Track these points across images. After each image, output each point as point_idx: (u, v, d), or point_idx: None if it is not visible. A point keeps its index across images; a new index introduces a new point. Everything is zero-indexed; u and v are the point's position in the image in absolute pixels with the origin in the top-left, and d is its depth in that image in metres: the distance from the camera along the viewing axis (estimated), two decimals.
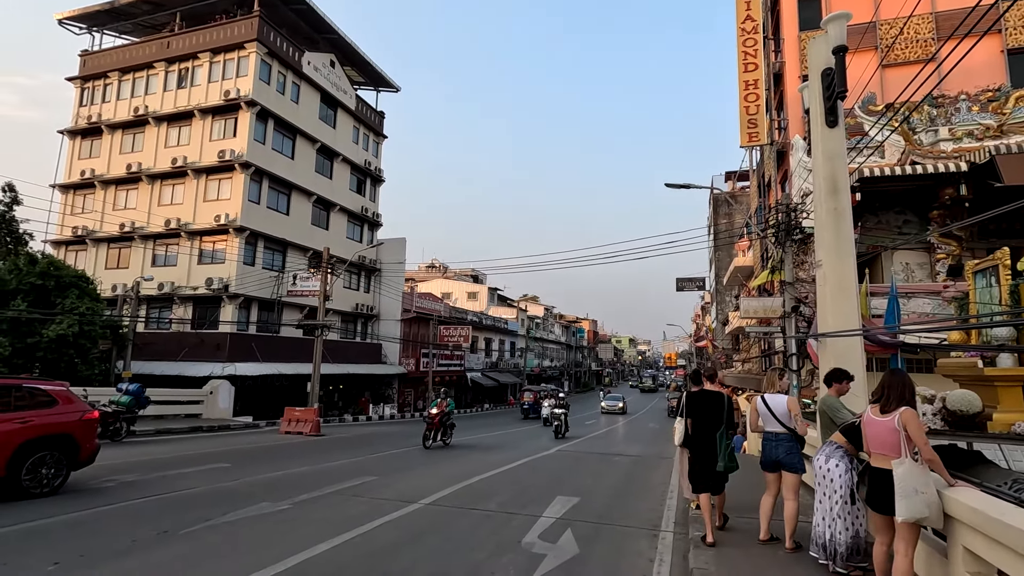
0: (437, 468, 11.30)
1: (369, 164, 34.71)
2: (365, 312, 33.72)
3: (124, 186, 27.78)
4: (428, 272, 64.84)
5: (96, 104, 29.21)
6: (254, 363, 23.75)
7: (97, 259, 27.37)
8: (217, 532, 6.19)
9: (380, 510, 7.33)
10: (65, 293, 19.06)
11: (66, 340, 18.11)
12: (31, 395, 7.73)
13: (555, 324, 76.15)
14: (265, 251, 26.60)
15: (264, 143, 26.61)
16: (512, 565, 5.29)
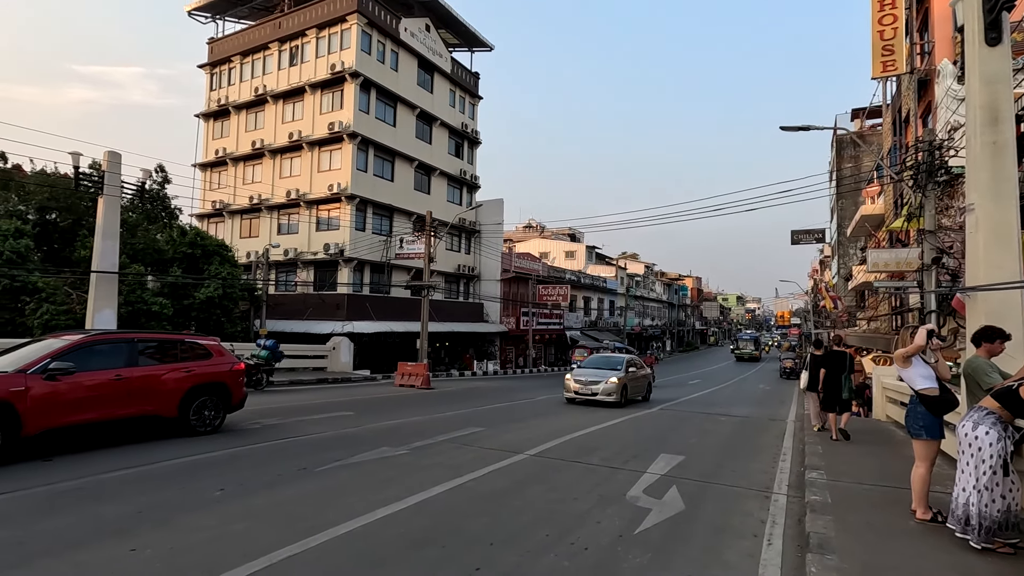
0: (539, 423, 11.66)
1: (466, 127, 35.14)
2: (467, 273, 34.88)
3: (251, 162, 30.53)
4: (525, 232, 65.32)
5: (223, 88, 32.05)
6: (369, 321, 25.63)
7: (233, 229, 30.59)
8: (347, 471, 6.91)
9: (488, 459, 7.75)
10: (210, 260, 21.62)
11: (213, 301, 20.65)
12: (192, 348, 8.97)
13: (656, 282, 74.01)
14: (374, 217, 28.19)
15: (368, 113, 27.81)
16: (617, 516, 5.41)
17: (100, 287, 14.14)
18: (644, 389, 17.05)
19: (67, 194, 19.36)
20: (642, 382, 16.91)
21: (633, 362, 17.10)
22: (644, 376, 17.25)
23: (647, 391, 17.37)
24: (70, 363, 7.15)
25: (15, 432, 6.56)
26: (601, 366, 16.33)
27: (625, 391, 15.15)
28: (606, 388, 14.86)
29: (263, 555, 4.22)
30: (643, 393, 16.92)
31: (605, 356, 18.39)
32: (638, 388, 16.45)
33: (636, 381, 16.28)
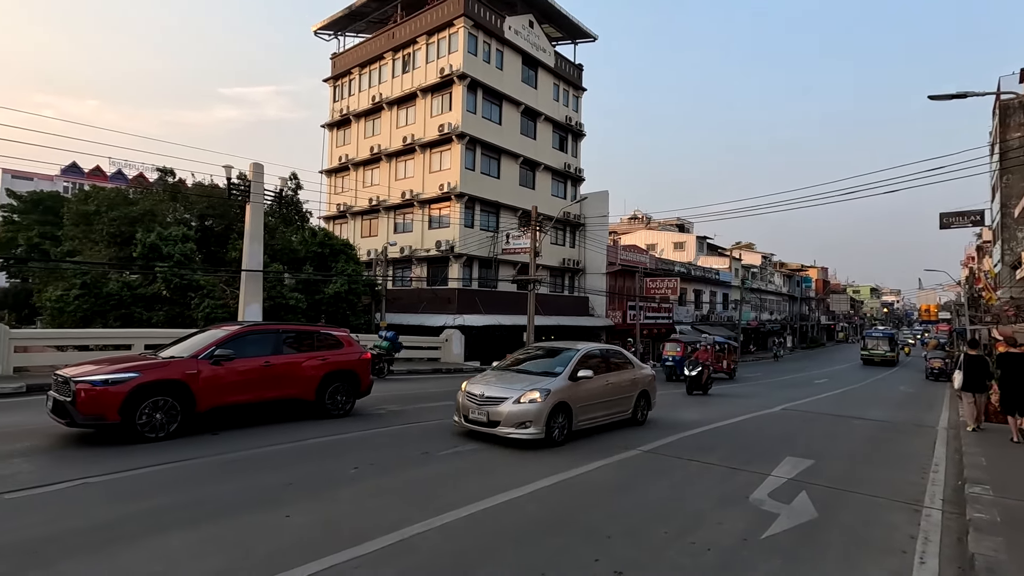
0: (652, 417, 11.40)
1: (570, 120, 34.99)
2: (572, 266, 34.81)
3: (369, 166, 32.76)
4: (631, 224, 63.76)
5: (345, 99, 34.67)
6: (478, 315, 26.51)
7: (355, 229, 33.06)
8: (463, 458, 7.26)
9: (599, 452, 7.73)
10: (336, 259, 23.57)
11: (340, 296, 22.51)
12: (326, 339, 9.87)
13: (775, 273, 68.82)
14: (481, 213, 29.04)
15: (475, 113, 28.66)
16: (740, 519, 5.17)
17: (248, 284, 16.00)
18: (628, 404, 9.70)
19: (221, 202, 22.09)
20: (620, 393, 9.44)
21: (598, 356, 9.44)
22: (625, 384, 9.64)
23: (637, 406, 9.93)
24: (231, 350, 8.20)
25: (191, 408, 7.66)
26: (530, 370, 8.90)
27: (561, 417, 8.02)
28: (514, 413, 7.69)
29: (395, 529, 4.58)
30: (625, 410, 9.65)
31: (549, 348, 9.76)
32: (612, 404, 9.22)
33: (601, 394, 8.92)
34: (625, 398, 9.66)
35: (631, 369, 10.06)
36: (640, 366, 10.48)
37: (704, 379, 17.56)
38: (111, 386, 7.03)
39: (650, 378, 10.50)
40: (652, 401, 10.47)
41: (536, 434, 7.66)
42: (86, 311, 18.40)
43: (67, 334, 15.80)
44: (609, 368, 9.51)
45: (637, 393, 9.96)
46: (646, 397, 10.27)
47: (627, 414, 9.74)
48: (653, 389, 10.55)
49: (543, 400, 7.79)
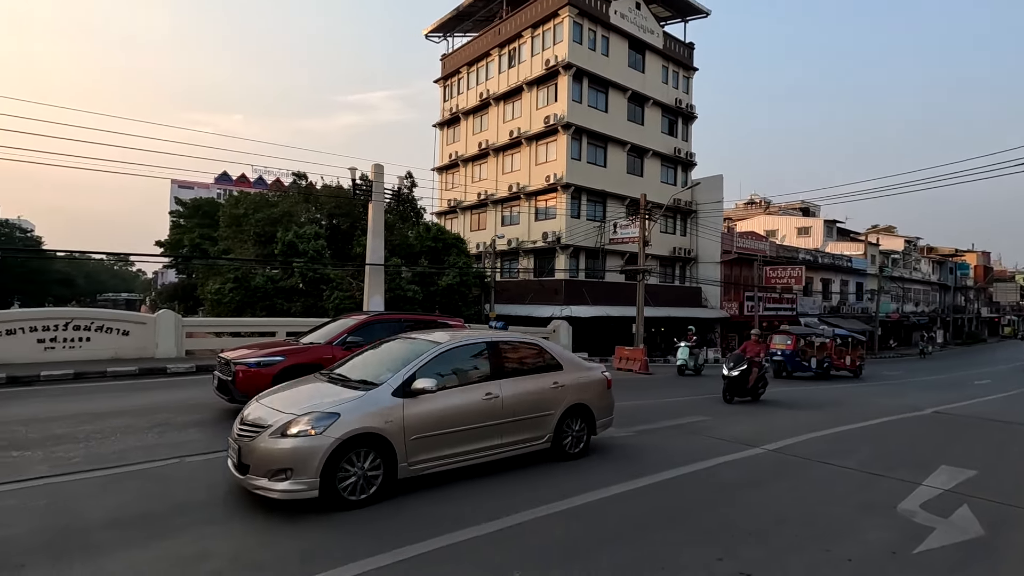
0: (775, 416, 10.66)
1: (680, 103, 33.45)
2: (683, 255, 33.40)
3: (478, 162, 33.73)
4: (747, 209, 59.71)
5: (454, 98, 35.94)
6: (585, 306, 26.37)
7: (465, 224, 34.26)
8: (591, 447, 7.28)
9: (718, 449, 7.39)
10: (448, 252, 24.64)
11: (452, 288, 23.51)
12: (440, 327, 10.37)
13: (921, 259, 60.95)
14: (588, 203, 28.77)
15: (581, 102, 28.37)
16: (886, 529, 4.70)
17: (372, 277, 17.24)
18: (541, 428, 6.17)
19: (346, 202, 23.97)
20: (523, 411, 5.95)
21: (481, 354, 6.00)
22: (531, 398, 6.07)
23: (564, 430, 6.40)
24: (360, 338, 8.91)
25: None
26: (348, 376, 5.70)
27: (368, 459, 4.82)
28: (268, 455, 4.60)
29: (508, 514, 4.72)
30: (537, 437, 6.13)
31: (393, 344, 6.34)
32: (503, 430, 5.77)
33: (477, 415, 5.57)
34: (536, 419, 6.03)
35: (552, 373, 6.36)
36: (579, 366, 6.81)
37: (752, 381, 12.59)
38: (262, 368, 7.95)
39: (593, 384, 6.75)
40: (604, 418, 6.88)
41: (300, 491, 4.45)
42: (238, 302, 20.92)
43: (224, 322, 18.07)
44: (503, 372, 5.92)
45: (563, 409, 6.27)
46: (586, 414, 6.57)
47: (541, 442, 6.12)
48: (602, 401, 6.82)
49: (319, 432, 4.56)
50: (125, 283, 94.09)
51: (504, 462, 5.97)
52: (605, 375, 7.04)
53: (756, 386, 12.71)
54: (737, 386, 12.40)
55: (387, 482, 4.88)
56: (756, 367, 12.57)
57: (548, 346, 6.74)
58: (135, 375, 12.01)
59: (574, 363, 6.83)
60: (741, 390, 12.45)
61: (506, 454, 5.85)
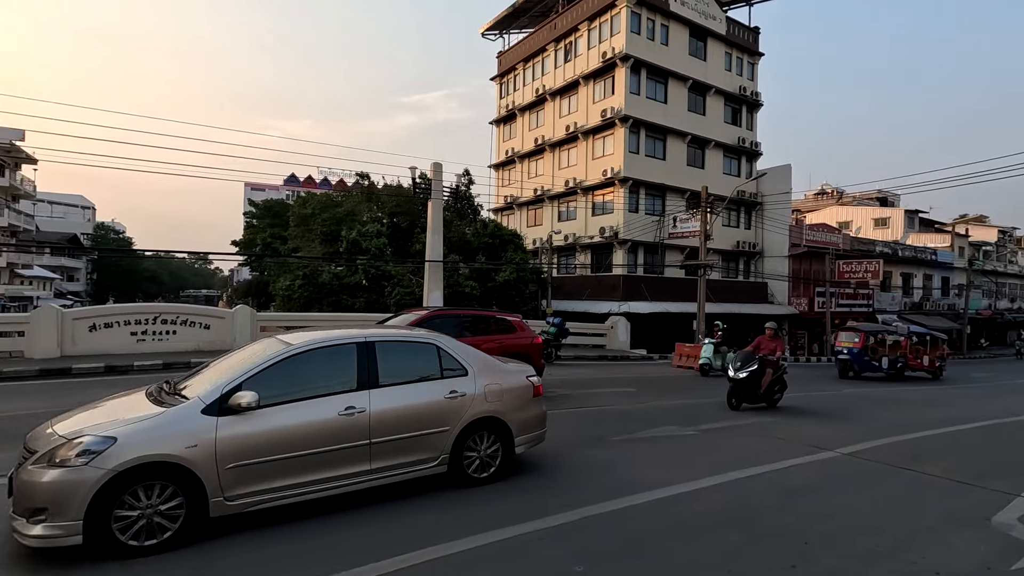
0: (847, 417, 10.10)
1: (744, 90, 32.11)
2: (747, 249, 32.13)
3: (534, 158, 33.74)
4: (817, 200, 56.64)
5: (510, 95, 36.08)
6: (643, 302, 25.89)
7: (521, 220, 34.39)
8: (637, 445, 7.21)
9: (787, 451, 7.10)
10: (505, 248, 24.82)
11: (509, 284, 23.68)
12: (500, 323, 10.51)
13: (1017, 252, 55.79)
14: (646, 197, 28.19)
15: (639, 94, 27.80)
16: (980, 542, 4.37)
17: (431, 273, 17.64)
18: (431, 447, 4.95)
19: (407, 201, 24.61)
20: (400, 429, 4.77)
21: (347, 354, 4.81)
22: (408, 415, 4.83)
23: (462, 448, 5.14)
24: None
25: None
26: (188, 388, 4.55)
27: (156, 495, 3.78)
28: (25, 488, 3.67)
29: (573, 508, 4.73)
30: (427, 459, 4.93)
31: (254, 347, 5.08)
32: (372, 453, 4.61)
33: (332, 436, 4.43)
34: (422, 437, 4.86)
35: (451, 379, 5.18)
36: (493, 370, 5.54)
37: (767, 384, 10.36)
38: None
39: (511, 392, 5.48)
40: (527, 434, 5.58)
41: (57, 536, 3.51)
42: (307, 298, 21.95)
43: (294, 317, 19.01)
44: (375, 380, 4.75)
45: (464, 424, 5.09)
46: (500, 429, 5.36)
47: (432, 465, 4.95)
48: (524, 412, 5.55)
49: (87, 462, 3.60)
50: (204, 280, 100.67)
51: (388, 489, 4.80)
52: (531, 380, 5.71)
53: (771, 390, 10.56)
54: (746, 390, 10.26)
55: (192, 522, 3.84)
56: (771, 367, 10.41)
57: (449, 346, 5.38)
58: None
59: (487, 366, 5.51)
60: (751, 395, 10.33)
61: (381, 481, 4.65)
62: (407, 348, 5.26)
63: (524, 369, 5.91)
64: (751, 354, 10.36)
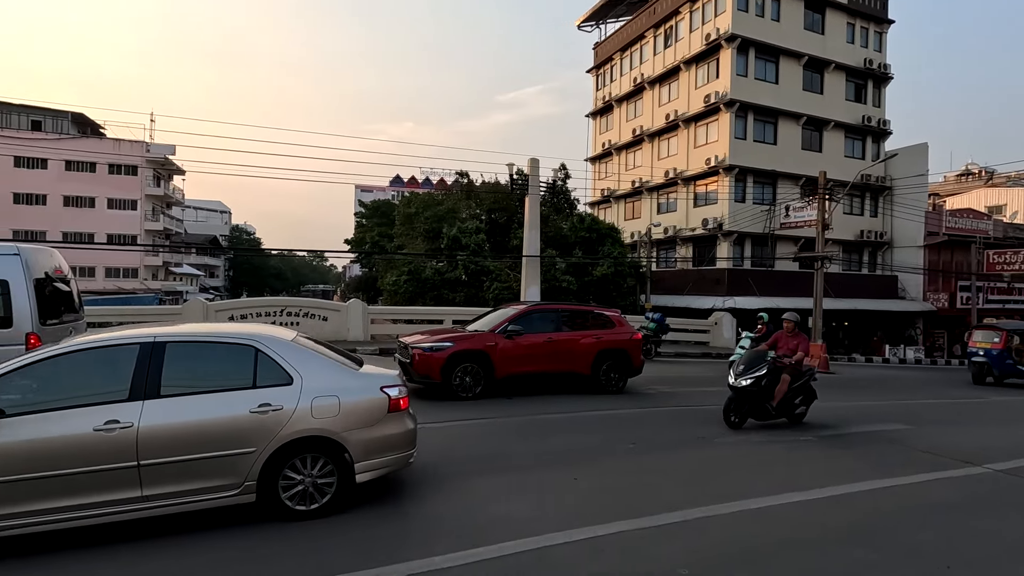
0: (998, 428, 8.86)
1: (869, 63, 29.01)
2: (873, 239, 29.12)
3: (631, 149, 32.90)
4: (961, 182, 49.98)
5: (607, 86, 35.42)
6: (751, 297, 24.37)
7: (618, 213, 33.71)
8: (745, 447, 6.83)
9: (922, 464, 6.38)
10: (602, 242, 24.49)
11: (607, 278, 23.35)
12: (598, 318, 10.40)
13: None
14: (754, 186, 26.47)
15: (746, 75, 26.11)
16: None
17: (528, 268, 17.84)
18: (224, 476, 4.03)
19: (504, 197, 25.05)
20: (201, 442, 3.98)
21: None
22: (207, 424, 4.01)
23: (293, 479, 4.20)
24: (520, 327, 9.32)
25: (491, 375, 8.99)
26: None
27: None
28: None
29: (676, 509, 4.60)
30: (215, 485, 4.00)
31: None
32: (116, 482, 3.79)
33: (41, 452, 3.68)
34: (214, 460, 3.98)
35: (266, 389, 4.21)
36: (334, 378, 4.45)
37: (782, 394, 7.76)
38: (434, 352, 8.72)
39: (351, 408, 4.36)
40: (375, 459, 4.45)
41: None
42: (411, 292, 23.11)
43: (399, 310, 20.10)
44: (156, 390, 3.98)
45: (278, 446, 4.11)
46: (333, 452, 4.29)
47: (233, 494, 4.07)
48: (370, 432, 4.43)
49: None
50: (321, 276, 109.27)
51: (196, 517, 4.06)
52: (386, 392, 4.53)
53: (790, 402, 8.00)
54: (753, 402, 7.69)
55: None
56: (789, 372, 7.80)
57: (275, 349, 4.35)
58: None
59: (324, 374, 4.41)
60: (759, 408, 7.74)
61: (162, 511, 3.88)
62: (213, 350, 4.33)
63: (380, 378, 4.67)
64: (761, 355, 7.90)
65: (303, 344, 4.62)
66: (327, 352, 4.77)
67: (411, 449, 4.77)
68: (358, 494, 4.46)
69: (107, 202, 43.47)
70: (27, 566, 3.54)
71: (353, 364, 4.83)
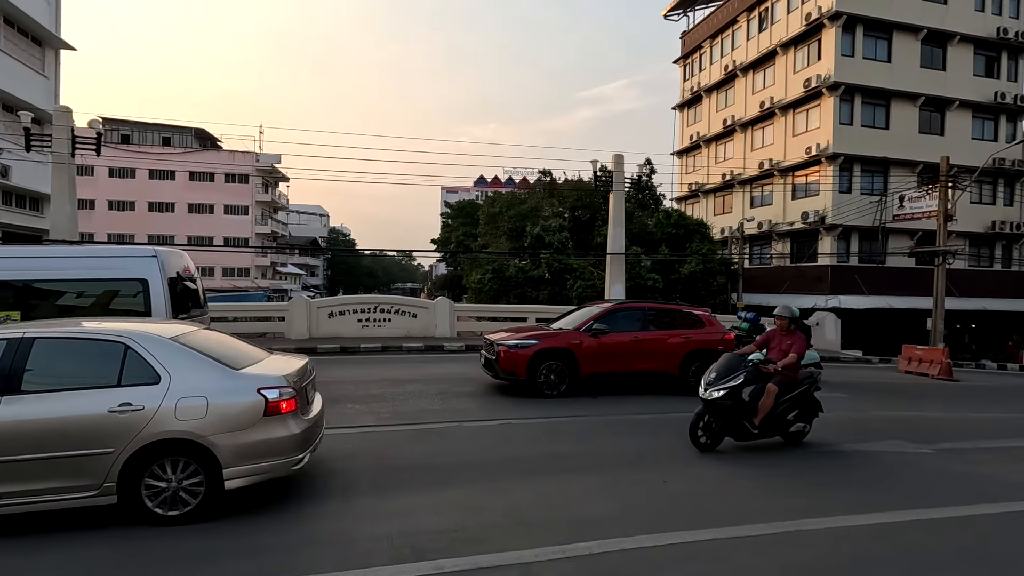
0: None
1: (1004, 32, 25.68)
2: (1007, 231, 25.81)
3: (721, 140, 31.39)
4: None
5: (695, 76, 34.03)
6: (858, 296, 22.50)
7: (708, 208, 32.32)
8: (859, 459, 6.34)
9: None
10: (690, 239, 23.59)
11: (695, 276, 22.49)
12: (686, 317, 10.06)
13: None
14: (862, 175, 24.35)
15: (852, 55, 24.05)
16: None
17: (613, 266, 17.57)
18: (77, 477, 3.99)
19: (587, 194, 24.83)
20: (50, 441, 3.95)
21: None
22: (55, 422, 3.96)
23: (158, 483, 4.08)
24: (605, 325, 9.22)
25: (576, 373, 8.96)
26: None
27: None
28: None
29: (777, 519, 4.36)
30: (66, 487, 3.96)
31: None
32: None
33: None
34: (65, 460, 3.94)
35: (131, 388, 4.12)
36: (210, 378, 4.28)
37: (767, 408, 6.16)
38: (520, 350, 8.83)
39: (222, 411, 4.18)
40: (248, 465, 4.22)
41: None
42: (495, 290, 23.51)
43: (484, 308, 20.52)
44: (2, 388, 3.98)
45: (137, 447, 4.01)
46: (201, 457, 4.14)
47: (90, 495, 4.01)
48: (241, 437, 4.20)
49: None
50: (409, 274, 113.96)
51: (69, 515, 4.06)
52: (263, 396, 4.27)
53: (780, 416, 6.36)
54: (730, 417, 6.19)
55: None
56: (781, 380, 6.25)
57: (147, 346, 4.23)
58: (421, 351, 14.52)
59: (197, 373, 4.25)
60: (737, 426, 6.22)
61: (16, 509, 3.88)
62: (84, 347, 4.27)
63: (259, 379, 4.37)
64: (738, 360, 6.35)
65: (186, 342, 4.43)
66: (219, 350, 4.57)
67: (297, 454, 4.41)
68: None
69: (223, 208, 48.11)
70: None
71: (224, 365, 4.40)
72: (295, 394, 4.42)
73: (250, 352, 4.95)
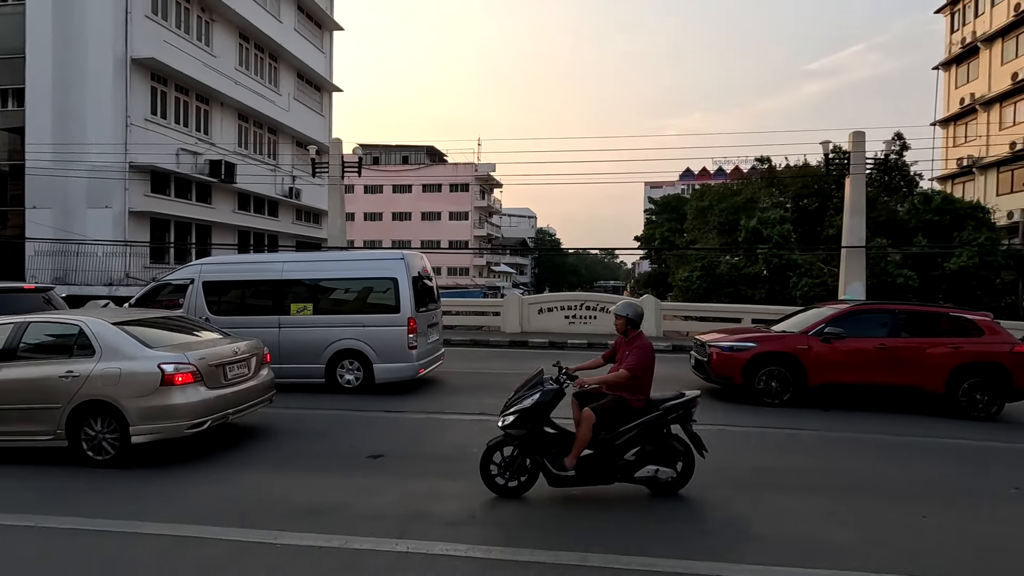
0: None
1: None
2: None
3: (1008, 100, 24.76)
4: None
5: (968, 24, 27.44)
6: None
7: (986, 186, 25.82)
8: None
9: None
10: (960, 226, 19.14)
11: (967, 271, 18.17)
12: (956, 323, 8.19)
13: None
14: None
15: None
16: None
17: (849, 261, 15.19)
18: (40, 424, 5.47)
19: (815, 180, 21.90)
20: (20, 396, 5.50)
21: None
22: (23, 382, 5.51)
23: (89, 434, 5.42)
24: (840, 329, 8.04)
25: (802, 381, 8.00)
26: None
27: None
28: None
29: None
30: (33, 431, 5.50)
31: None
32: None
33: None
34: (30, 411, 5.49)
35: (75, 360, 5.52)
36: (127, 356, 5.43)
37: (582, 444, 4.27)
38: (735, 352, 8.22)
39: (127, 379, 5.31)
40: (147, 424, 5.29)
41: None
42: (704, 288, 22.23)
43: (692, 307, 19.53)
44: (2, 356, 5.69)
45: (75, 404, 5.36)
46: (116, 414, 5.36)
47: (48, 439, 5.56)
48: (142, 401, 5.30)
49: None
50: (612, 272, 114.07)
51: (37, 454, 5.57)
52: (161, 369, 5.27)
53: (613, 452, 4.46)
54: (534, 451, 4.46)
55: None
56: (606, 406, 4.52)
57: (92, 328, 5.51)
58: None
59: (121, 350, 5.42)
60: (540, 465, 4.46)
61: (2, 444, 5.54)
62: (54, 328, 5.87)
63: (162, 357, 5.38)
64: (539, 376, 4.69)
65: (126, 328, 5.62)
66: (149, 335, 5.70)
67: (192, 420, 5.33)
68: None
69: (448, 215, 54.57)
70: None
71: (143, 346, 5.47)
72: (194, 369, 5.40)
73: (183, 338, 6.10)
